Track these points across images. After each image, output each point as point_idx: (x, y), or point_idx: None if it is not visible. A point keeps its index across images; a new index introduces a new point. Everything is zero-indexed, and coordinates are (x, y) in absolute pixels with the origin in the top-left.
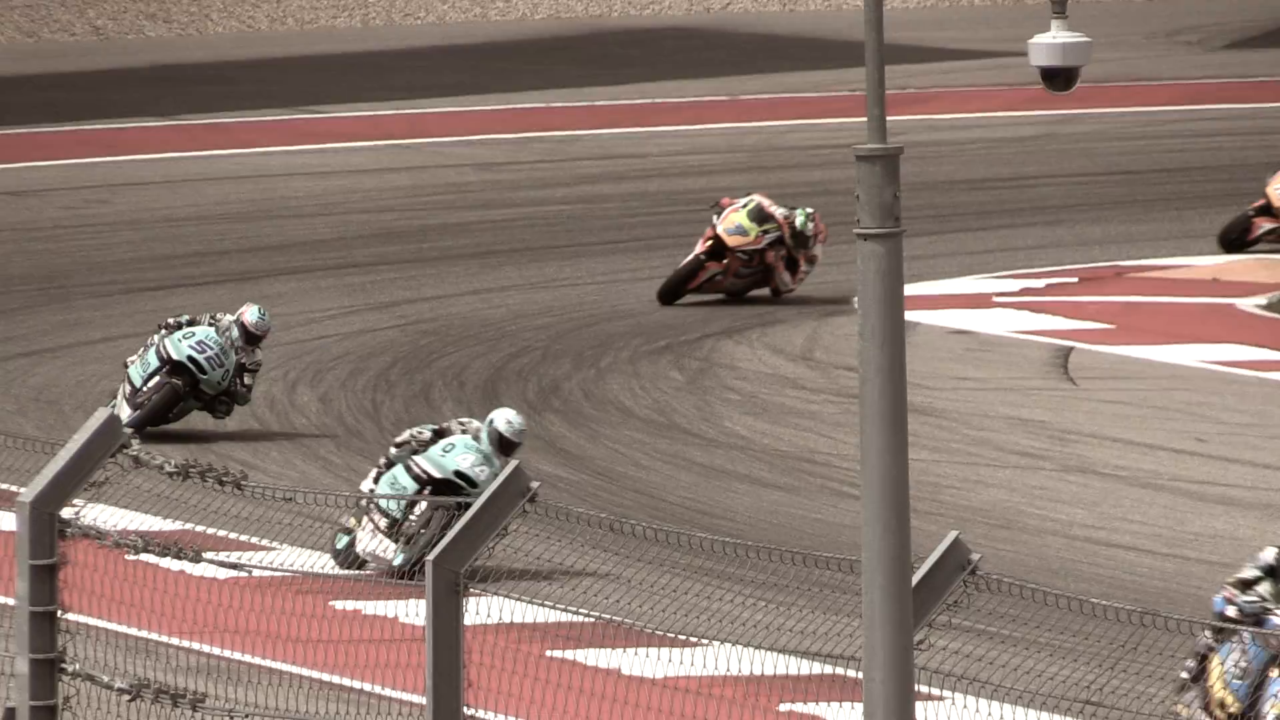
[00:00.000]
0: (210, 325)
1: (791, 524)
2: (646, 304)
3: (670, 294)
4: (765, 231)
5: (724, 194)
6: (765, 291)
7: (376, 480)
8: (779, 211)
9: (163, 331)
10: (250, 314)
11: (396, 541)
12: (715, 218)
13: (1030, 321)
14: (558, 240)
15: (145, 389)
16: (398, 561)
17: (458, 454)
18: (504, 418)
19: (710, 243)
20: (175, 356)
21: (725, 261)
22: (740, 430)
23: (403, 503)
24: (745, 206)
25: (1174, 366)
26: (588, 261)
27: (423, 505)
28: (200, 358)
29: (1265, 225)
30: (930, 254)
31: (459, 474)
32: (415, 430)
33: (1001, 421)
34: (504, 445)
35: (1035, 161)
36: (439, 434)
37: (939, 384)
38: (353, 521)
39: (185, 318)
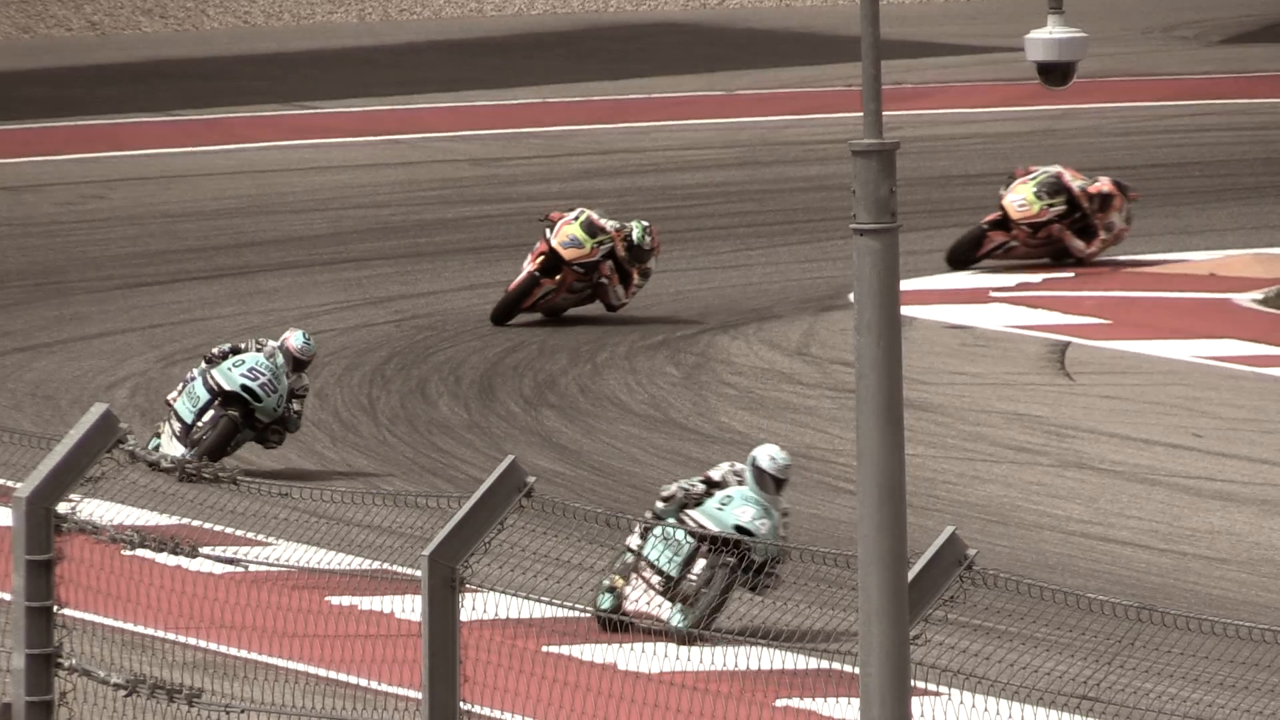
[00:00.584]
0: (257, 350)
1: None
2: (643, 298)
3: (504, 314)
4: (599, 243)
5: (720, 188)
6: (600, 307)
7: (643, 536)
8: (610, 224)
9: (203, 365)
10: (295, 339)
11: (674, 602)
12: (547, 231)
13: (1027, 316)
14: None
15: (199, 425)
16: (677, 623)
17: (735, 507)
18: (766, 455)
19: (543, 257)
20: (227, 387)
21: (559, 276)
22: (736, 425)
23: (677, 560)
24: (577, 219)
25: (1170, 361)
26: None
27: (701, 563)
28: (254, 385)
29: (998, 239)
30: (926, 249)
31: (739, 529)
32: (686, 483)
33: (998, 416)
34: (772, 483)
35: (1031, 157)
36: (711, 485)
37: (935, 379)
38: (619, 580)
39: (228, 346)
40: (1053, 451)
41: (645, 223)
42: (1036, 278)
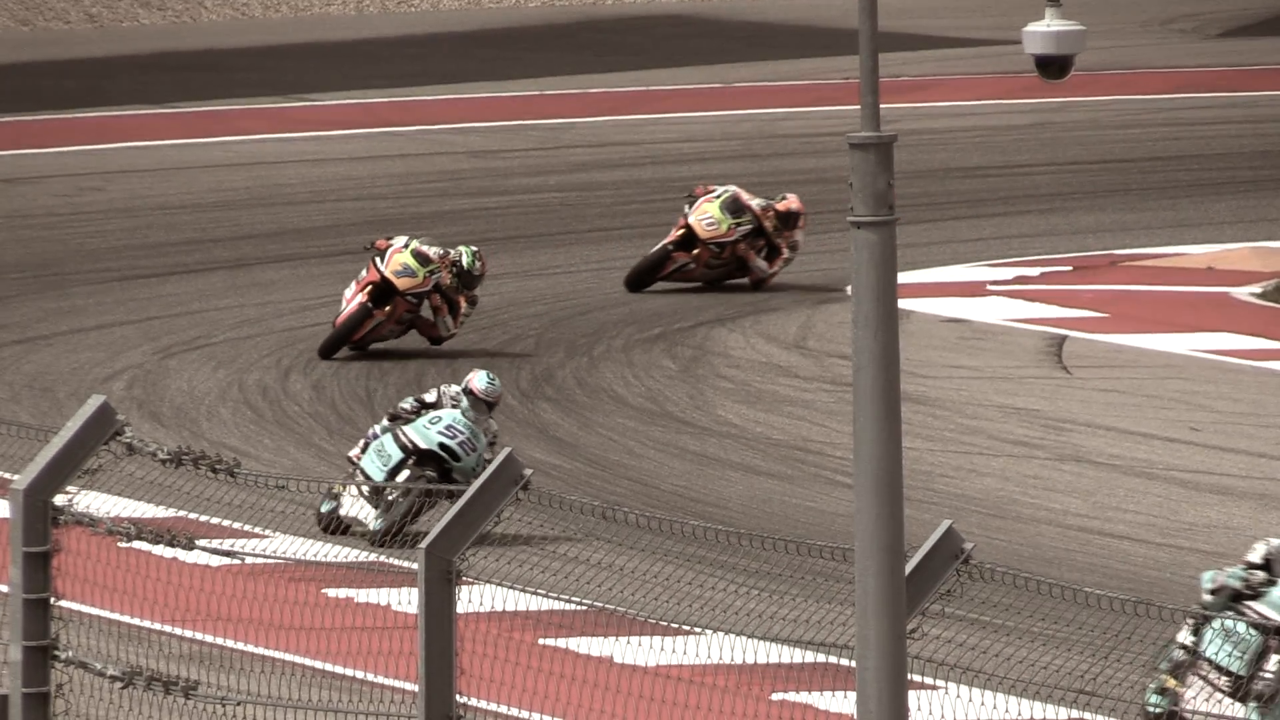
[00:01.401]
0: (453, 405)
1: (784, 512)
2: (640, 293)
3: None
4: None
5: (718, 181)
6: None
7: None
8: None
9: (386, 421)
10: (479, 381)
11: (1246, 702)
12: (377, 260)
13: (1024, 310)
14: (551, 228)
15: (393, 486)
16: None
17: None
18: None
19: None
20: (424, 445)
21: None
22: (733, 418)
23: (1243, 657)
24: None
25: (1168, 355)
26: (581, 249)
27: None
28: (453, 444)
29: (682, 259)
30: (924, 242)
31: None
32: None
33: (995, 410)
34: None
35: (1029, 150)
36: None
37: (932, 372)
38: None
39: (415, 402)
40: (1050, 445)
41: (474, 248)
42: (1034, 271)
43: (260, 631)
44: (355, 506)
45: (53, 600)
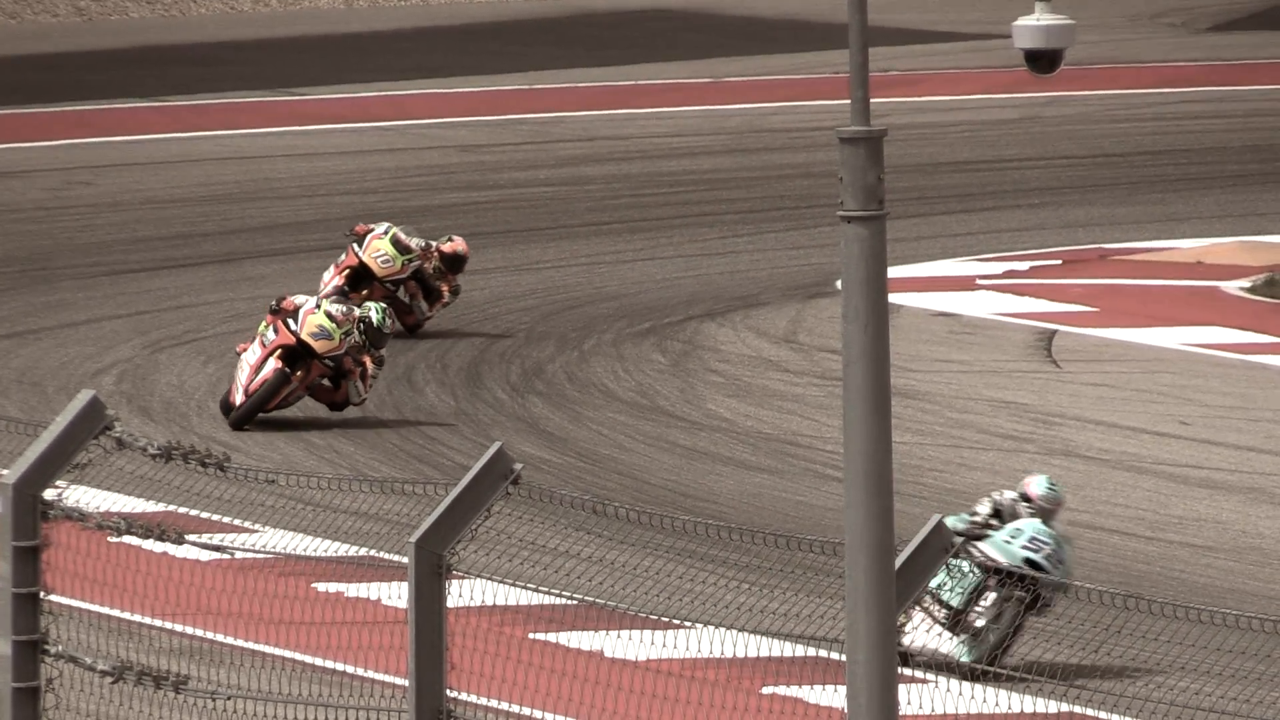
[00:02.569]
0: (1028, 513)
1: (774, 507)
2: (630, 286)
3: (248, 417)
4: (345, 334)
5: (707, 175)
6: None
7: None
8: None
9: (960, 540)
10: (1037, 486)
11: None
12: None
13: (1014, 304)
14: (540, 222)
15: (978, 609)
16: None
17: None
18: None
19: (350, 271)
20: (1006, 562)
21: (299, 372)
22: (723, 413)
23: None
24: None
25: (1157, 349)
26: (570, 244)
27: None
28: (1038, 558)
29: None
30: (914, 236)
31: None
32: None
33: (985, 404)
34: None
35: (1019, 144)
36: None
37: (922, 366)
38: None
39: (974, 518)
40: (1039, 439)
41: (383, 305)
42: (1023, 265)
43: (250, 626)
44: (927, 635)
45: (42, 595)
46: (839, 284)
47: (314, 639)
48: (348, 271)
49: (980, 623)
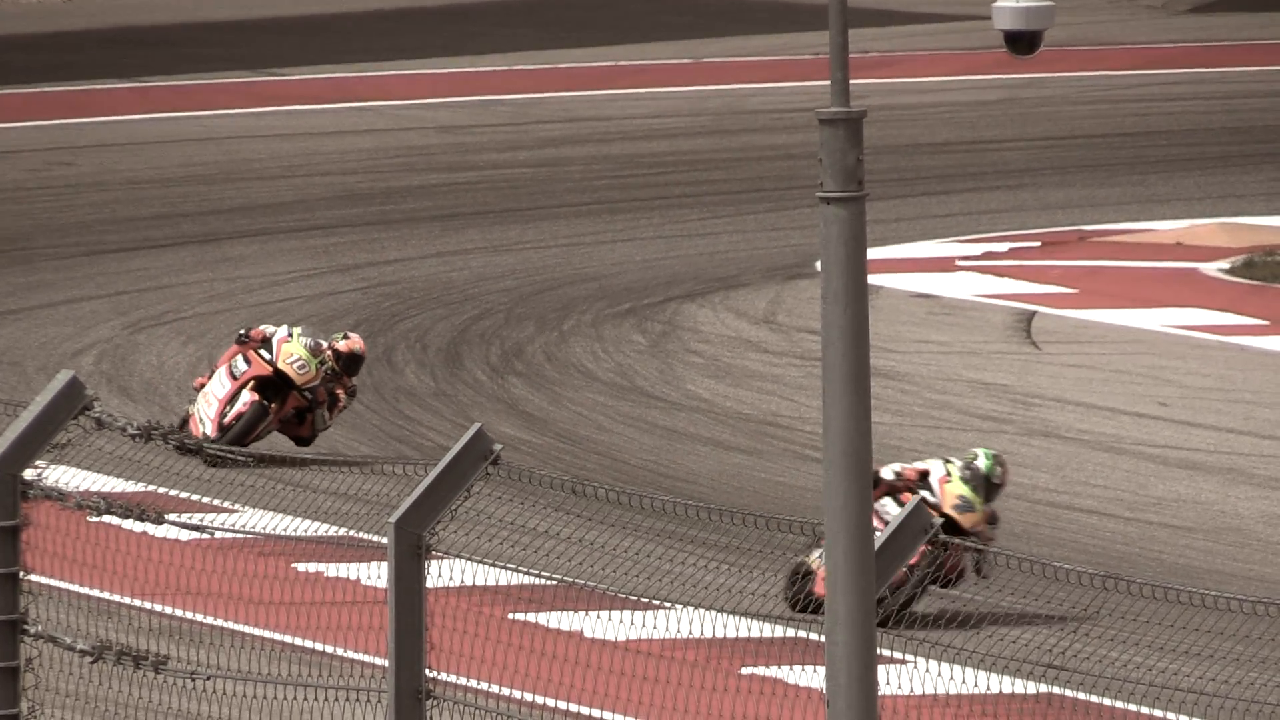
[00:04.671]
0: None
1: (753, 487)
2: (610, 267)
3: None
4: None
5: (687, 157)
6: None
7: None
8: (318, 342)
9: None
10: (981, 460)
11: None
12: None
13: (993, 285)
14: (520, 203)
15: None
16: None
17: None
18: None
19: (254, 381)
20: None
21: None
22: (702, 393)
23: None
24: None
25: (1137, 331)
26: (550, 225)
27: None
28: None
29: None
30: (893, 218)
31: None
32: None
33: (964, 385)
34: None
35: (998, 125)
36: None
37: (902, 347)
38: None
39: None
40: (1019, 420)
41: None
42: (1003, 246)
43: (230, 606)
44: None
45: (22, 575)
46: (818, 265)
47: (293, 619)
48: (252, 382)
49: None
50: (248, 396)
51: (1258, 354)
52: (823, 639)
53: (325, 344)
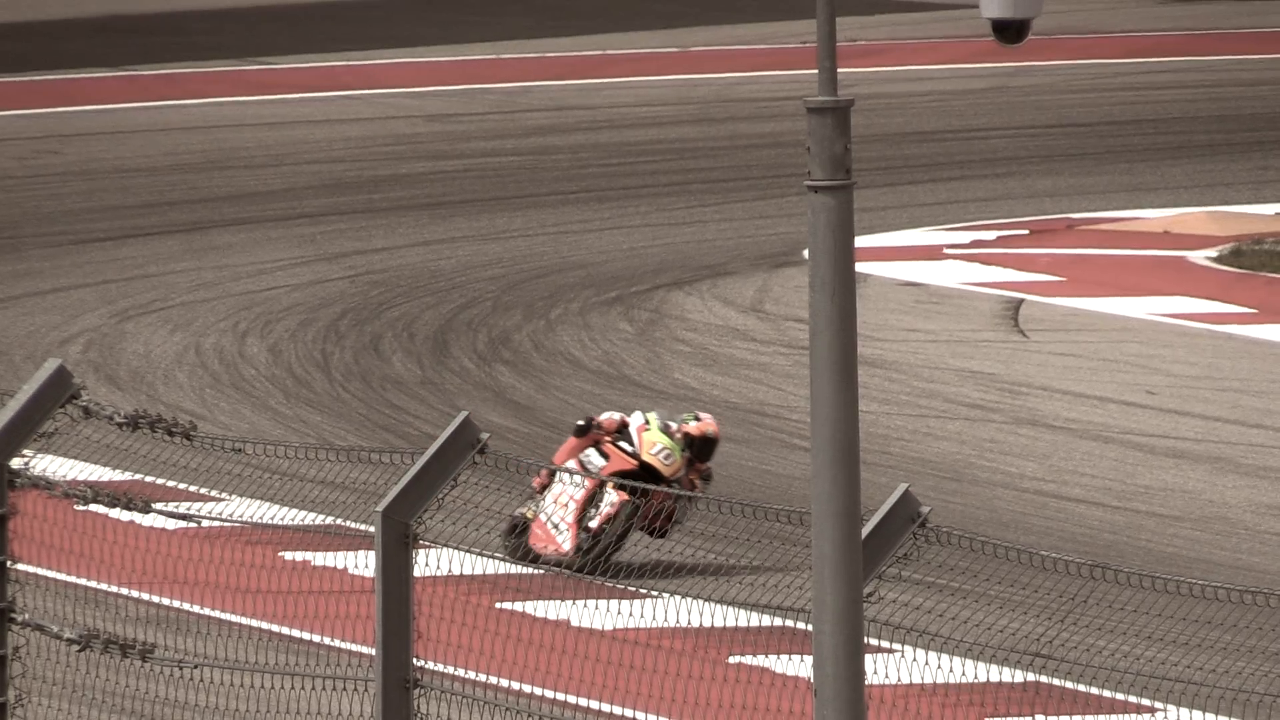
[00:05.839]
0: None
1: (741, 475)
2: (597, 255)
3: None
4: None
5: (674, 145)
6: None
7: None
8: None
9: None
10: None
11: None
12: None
13: (980, 274)
14: (508, 192)
15: None
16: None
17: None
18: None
19: (626, 469)
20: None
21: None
22: (690, 382)
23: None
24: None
25: (1124, 319)
26: (538, 213)
27: (611, 497)
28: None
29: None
30: (881, 206)
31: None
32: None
33: (951, 374)
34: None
35: (986, 114)
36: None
37: (889, 336)
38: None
39: None
40: (1006, 409)
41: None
42: (991, 235)
43: (217, 595)
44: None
45: (9, 563)
46: (806, 253)
47: (281, 608)
48: (614, 479)
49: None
50: (614, 496)
51: (1245, 342)
52: (810, 628)
53: (675, 426)
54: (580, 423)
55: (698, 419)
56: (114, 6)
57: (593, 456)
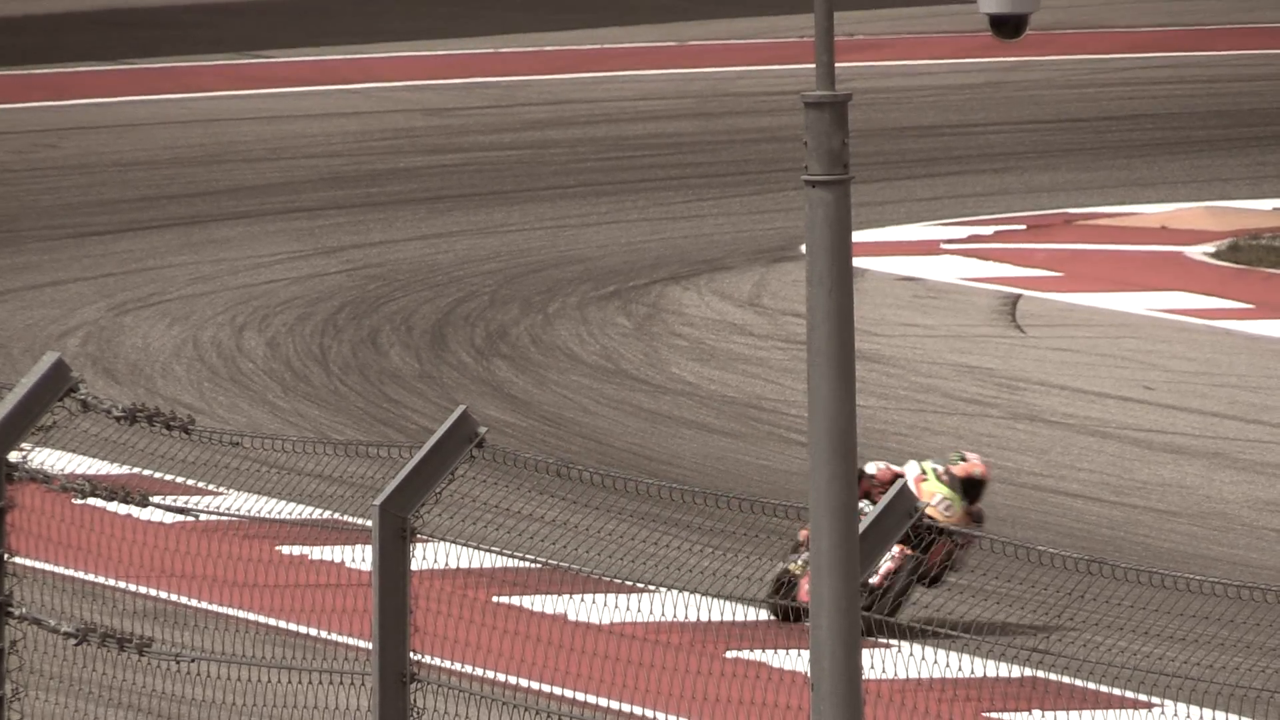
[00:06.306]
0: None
1: (738, 470)
2: (595, 249)
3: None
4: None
5: (672, 139)
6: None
7: None
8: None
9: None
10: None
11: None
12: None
13: (978, 269)
14: (506, 186)
15: None
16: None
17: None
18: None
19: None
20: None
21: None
22: (687, 376)
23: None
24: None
25: (1122, 314)
26: (536, 207)
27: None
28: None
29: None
30: (879, 201)
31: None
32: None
33: (949, 369)
34: (959, 483)
35: (984, 109)
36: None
37: (887, 331)
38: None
39: None
40: (1004, 404)
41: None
42: (988, 230)
43: (214, 588)
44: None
45: (6, 557)
46: (803, 248)
47: (278, 602)
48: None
49: (875, 578)
50: (894, 549)
51: (1243, 338)
52: (807, 623)
53: (942, 469)
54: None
55: (963, 459)
56: (111, 0)
57: (866, 509)
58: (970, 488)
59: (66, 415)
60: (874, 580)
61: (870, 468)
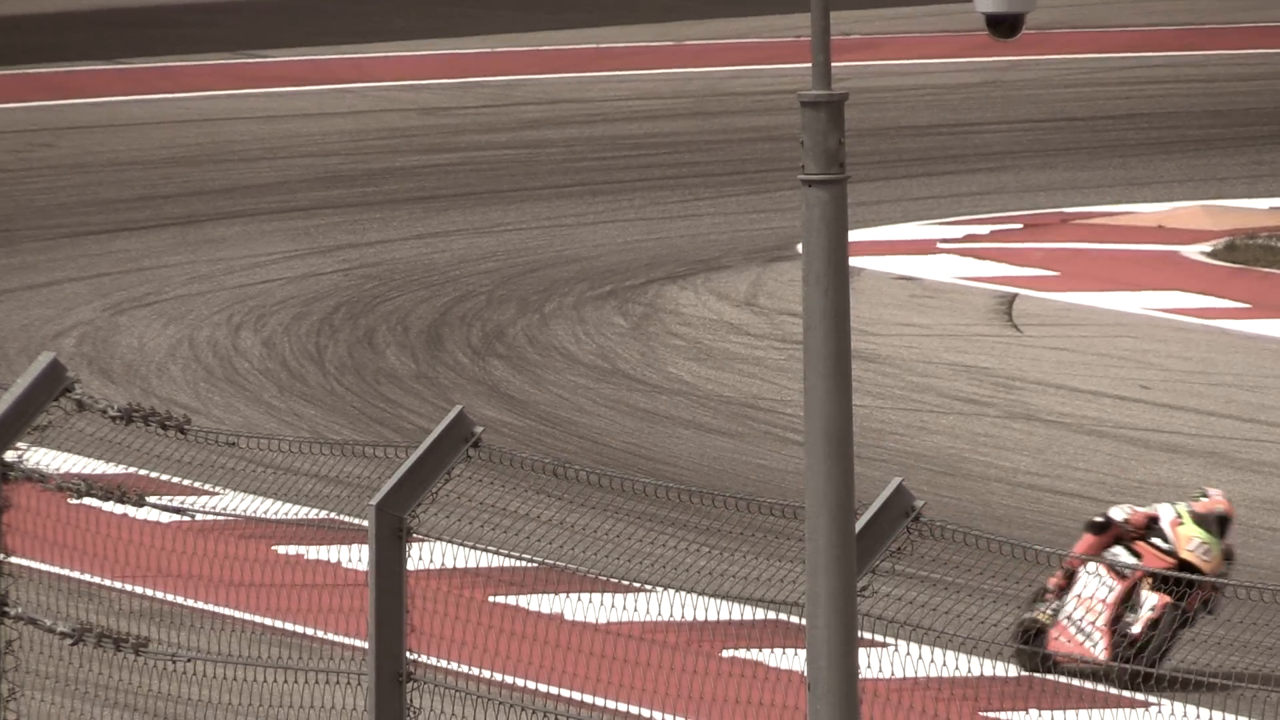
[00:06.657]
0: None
1: (735, 470)
2: (591, 249)
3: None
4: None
5: (668, 139)
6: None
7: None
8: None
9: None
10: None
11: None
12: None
13: (974, 268)
14: (502, 185)
15: None
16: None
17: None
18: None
19: (1165, 567)
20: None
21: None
22: (684, 376)
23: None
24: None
25: (1118, 313)
26: (532, 206)
27: (1150, 599)
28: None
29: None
30: (875, 200)
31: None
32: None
33: (945, 368)
34: (1215, 523)
35: (980, 108)
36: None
37: (883, 330)
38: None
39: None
40: (1000, 403)
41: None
42: (984, 229)
43: (210, 588)
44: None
45: (2, 557)
46: (800, 247)
47: (274, 601)
48: (1149, 580)
49: (1136, 628)
50: (1155, 599)
51: (1239, 337)
52: (803, 622)
53: (1191, 507)
54: (1098, 519)
55: (1205, 495)
56: (108, 0)
57: (1121, 556)
58: (1220, 525)
59: (62, 415)
60: (1135, 631)
61: (1117, 513)
